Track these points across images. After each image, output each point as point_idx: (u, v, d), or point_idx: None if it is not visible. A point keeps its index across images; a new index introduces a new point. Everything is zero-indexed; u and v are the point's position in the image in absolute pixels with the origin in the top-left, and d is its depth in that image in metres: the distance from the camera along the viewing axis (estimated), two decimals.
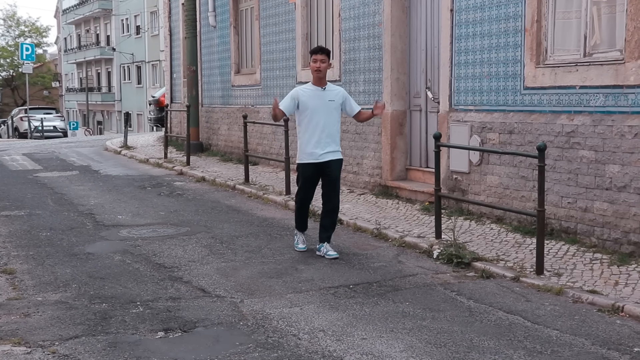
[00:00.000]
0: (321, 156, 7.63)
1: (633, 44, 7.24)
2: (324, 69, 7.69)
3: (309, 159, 7.66)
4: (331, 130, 7.67)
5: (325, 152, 7.63)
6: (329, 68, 7.82)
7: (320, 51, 7.73)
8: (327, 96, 7.68)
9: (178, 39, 20.49)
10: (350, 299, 6.27)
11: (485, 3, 9.16)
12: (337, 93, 7.79)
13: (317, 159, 7.63)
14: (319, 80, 7.72)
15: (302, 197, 7.91)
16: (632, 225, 7.24)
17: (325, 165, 7.66)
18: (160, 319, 5.75)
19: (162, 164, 16.09)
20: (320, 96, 7.66)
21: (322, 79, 7.72)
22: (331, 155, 7.67)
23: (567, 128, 7.98)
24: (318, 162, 7.64)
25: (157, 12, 45.86)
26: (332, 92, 7.76)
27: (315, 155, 7.62)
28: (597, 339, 5.29)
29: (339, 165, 7.78)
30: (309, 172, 7.73)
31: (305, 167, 7.73)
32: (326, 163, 7.65)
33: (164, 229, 9.26)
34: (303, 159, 7.72)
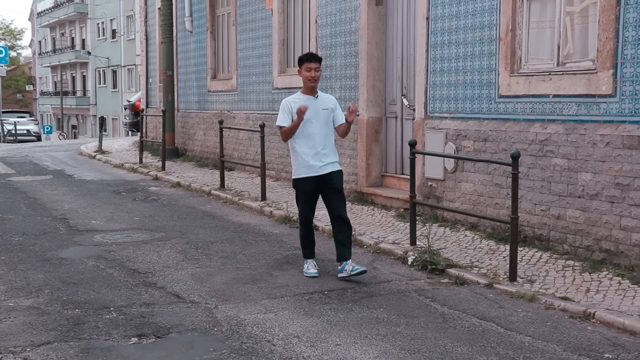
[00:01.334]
0: (321, 168, 7.06)
1: (605, 54, 7.33)
2: (318, 78, 7.18)
3: (308, 172, 7.06)
4: (328, 140, 7.17)
5: (325, 163, 7.08)
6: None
7: (314, 59, 7.19)
8: (320, 105, 7.16)
9: (154, 44, 20.42)
10: (325, 305, 6.29)
11: (461, 12, 9.24)
12: (330, 100, 7.30)
13: (317, 172, 7.05)
14: (311, 88, 7.19)
15: (304, 214, 7.23)
16: (604, 233, 7.33)
17: (326, 178, 7.07)
18: (134, 324, 5.72)
19: (137, 169, 16.01)
20: (314, 105, 7.10)
21: (314, 87, 7.20)
22: (331, 167, 7.12)
23: (540, 136, 8.06)
24: (318, 176, 7.06)
25: (133, 16, 45.64)
26: (324, 100, 7.25)
27: (314, 168, 7.05)
28: (569, 345, 5.34)
29: (340, 176, 7.21)
30: (309, 187, 7.10)
31: (304, 181, 7.11)
32: (327, 175, 7.08)
33: (138, 234, 9.21)
34: (301, 173, 7.12)
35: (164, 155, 15.92)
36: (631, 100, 7.13)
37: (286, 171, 13.40)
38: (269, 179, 13.13)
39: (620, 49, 7.21)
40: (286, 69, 13.76)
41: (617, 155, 7.19)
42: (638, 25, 7.03)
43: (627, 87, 7.16)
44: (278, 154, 13.65)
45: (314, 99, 7.17)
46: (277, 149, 13.66)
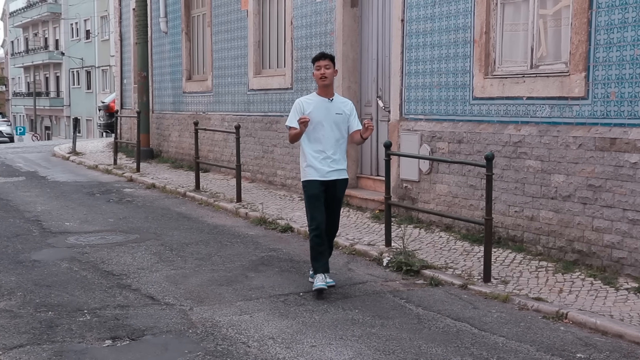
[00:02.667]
0: (328, 174, 6.79)
1: (577, 57, 7.41)
2: (330, 76, 6.77)
3: (315, 175, 6.78)
4: (339, 146, 6.84)
5: (333, 170, 6.80)
6: (335, 75, 6.92)
7: (323, 57, 6.84)
8: (334, 108, 6.81)
9: (129, 44, 20.31)
10: (300, 307, 6.29)
11: (436, 14, 9.29)
12: (346, 105, 6.93)
13: (324, 176, 6.78)
14: (325, 89, 6.82)
15: (314, 219, 6.79)
16: (576, 234, 7.40)
17: (330, 184, 6.83)
18: (108, 327, 5.69)
19: (112, 171, 15.90)
20: (327, 108, 6.79)
21: (328, 87, 6.82)
22: (337, 174, 6.84)
23: (514, 138, 8.12)
24: (324, 180, 6.79)
25: (107, 16, 45.37)
26: (340, 104, 6.89)
27: (322, 172, 6.77)
28: (542, 345, 5.39)
29: (344, 185, 6.98)
30: (315, 190, 6.79)
31: (311, 184, 6.81)
32: (332, 182, 6.83)
33: (112, 236, 9.16)
34: (308, 176, 6.82)
35: (138, 156, 15.84)
36: (603, 102, 7.21)
37: (262, 172, 13.39)
38: (245, 181, 13.11)
39: (593, 52, 7.29)
40: (262, 71, 13.74)
41: (589, 157, 7.26)
42: (610, 28, 7.12)
43: (600, 90, 7.24)
44: (253, 155, 13.63)
45: (327, 101, 6.82)
46: (253, 151, 13.64)
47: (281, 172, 12.79)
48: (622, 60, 7.01)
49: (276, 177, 12.95)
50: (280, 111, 12.83)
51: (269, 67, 13.60)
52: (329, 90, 6.85)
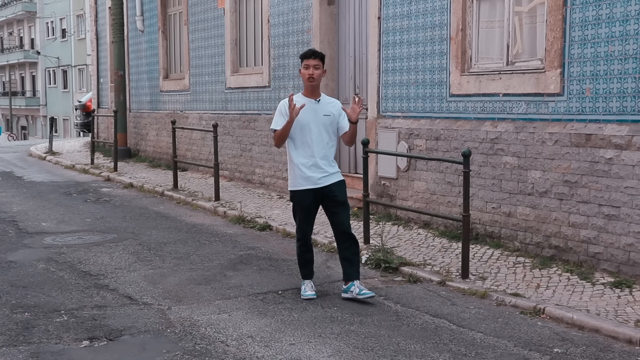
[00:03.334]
0: (320, 180, 6.36)
1: (553, 54, 7.46)
2: (318, 77, 6.37)
3: (305, 184, 6.36)
4: (329, 149, 6.44)
5: (324, 175, 6.37)
6: (324, 75, 6.54)
7: (313, 55, 6.42)
8: (322, 110, 6.40)
9: (105, 43, 20.18)
10: (279, 305, 6.28)
11: (412, 11, 9.31)
12: (334, 105, 6.50)
13: (315, 183, 6.35)
14: (311, 90, 6.41)
15: (301, 230, 6.54)
16: (553, 230, 7.46)
17: (327, 191, 6.38)
18: (85, 327, 5.65)
19: (89, 170, 15.80)
20: (314, 110, 6.37)
21: (315, 88, 6.41)
22: (332, 178, 6.41)
23: (491, 135, 8.16)
24: (317, 188, 6.36)
25: (83, 15, 45.04)
26: (327, 104, 6.47)
27: (312, 180, 6.35)
28: (520, 340, 5.42)
29: (342, 187, 6.49)
30: (307, 200, 6.40)
31: (302, 194, 6.40)
32: (327, 188, 6.38)
33: (90, 236, 9.09)
34: (297, 185, 6.41)
35: (116, 156, 15.75)
36: (578, 99, 7.26)
37: (240, 171, 13.36)
38: (223, 179, 13.07)
39: (568, 49, 7.34)
40: (239, 69, 13.71)
41: (565, 153, 7.32)
42: (584, 25, 7.17)
43: (575, 86, 7.29)
44: (231, 153, 13.60)
45: (314, 102, 6.41)
46: (231, 149, 13.61)
47: (259, 171, 12.77)
48: (597, 56, 7.07)
49: (254, 175, 12.93)
50: (258, 109, 12.81)
51: (246, 66, 13.57)
52: (316, 91, 6.45)
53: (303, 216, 6.50)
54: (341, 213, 6.46)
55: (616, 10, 6.88)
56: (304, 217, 6.50)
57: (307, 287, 6.55)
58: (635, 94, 6.74)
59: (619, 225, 6.82)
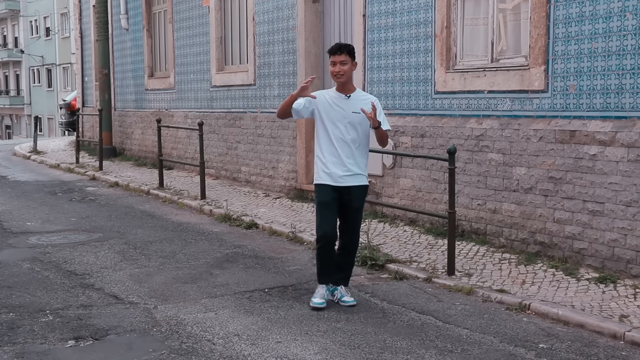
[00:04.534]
0: (342, 179, 6.04)
1: (537, 51, 7.49)
2: (347, 72, 6.02)
3: (326, 179, 6.06)
4: (357, 149, 6.08)
5: (348, 174, 6.05)
6: (354, 69, 6.16)
7: (339, 50, 6.05)
8: (351, 106, 6.04)
9: (89, 42, 20.08)
10: (266, 303, 6.28)
11: (397, 9, 9.32)
12: (366, 102, 6.07)
13: (336, 181, 6.04)
14: (341, 86, 6.08)
15: (321, 228, 6.12)
16: (538, 226, 7.49)
17: (345, 192, 6.07)
18: (71, 327, 5.63)
19: (74, 169, 15.73)
20: (343, 105, 6.04)
21: (345, 84, 6.07)
22: (354, 180, 6.07)
23: (476, 131, 8.19)
24: (337, 186, 6.06)
25: (67, 13, 44.80)
26: (359, 101, 6.09)
27: (334, 176, 6.04)
28: (505, 336, 5.45)
29: (362, 193, 6.17)
30: (327, 196, 6.07)
31: (322, 189, 6.11)
32: (347, 189, 6.07)
33: (75, 236, 9.06)
34: (319, 179, 6.13)
35: (101, 154, 15.69)
36: (562, 95, 7.30)
37: (226, 169, 13.34)
38: (209, 178, 13.05)
39: (552, 46, 7.37)
40: (224, 67, 13.68)
41: (549, 149, 7.35)
42: (568, 22, 7.20)
43: (559, 83, 7.33)
44: (217, 152, 13.57)
45: (344, 98, 6.07)
46: (217, 147, 13.58)
47: (245, 169, 12.75)
48: (580, 53, 7.10)
49: (240, 173, 12.91)
50: (244, 107, 12.79)
51: (232, 64, 13.54)
52: (347, 86, 6.09)
53: (323, 213, 6.12)
54: (351, 219, 6.19)
55: (599, 7, 6.91)
56: (324, 214, 6.11)
57: (318, 294, 6.19)
58: (618, 90, 6.78)
59: (603, 221, 6.86)
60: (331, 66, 6.07)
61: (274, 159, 11.92)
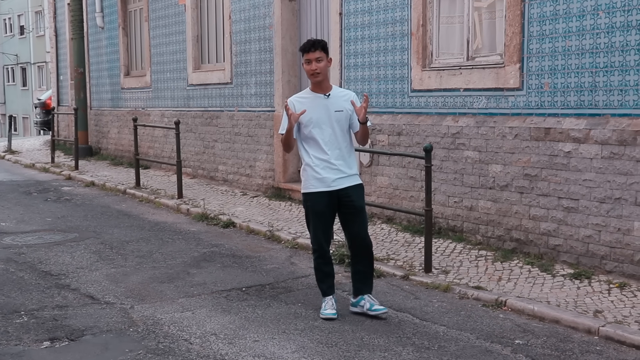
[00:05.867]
0: (335, 182, 5.72)
1: (512, 49, 7.54)
2: (322, 69, 5.70)
3: (319, 186, 5.72)
4: (344, 149, 5.80)
5: (340, 177, 5.74)
6: (329, 65, 5.85)
7: (313, 47, 5.72)
8: (333, 105, 5.75)
9: (64, 40, 19.92)
10: (243, 302, 6.27)
11: (373, 7, 9.34)
12: (347, 100, 5.82)
13: (329, 186, 5.71)
14: (318, 85, 5.78)
15: (317, 241, 5.85)
16: (514, 223, 7.54)
17: (342, 194, 5.75)
18: (46, 328, 5.58)
19: (49, 169, 15.60)
20: (324, 105, 5.74)
21: (322, 82, 5.77)
22: (348, 181, 5.78)
23: (452, 129, 8.22)
24: (332, 191, 5.73)
25: (42, 11, 44.39)
26: (339, 99, 5.81)
27: (326, 181, 5.71)
28: (482, 333, 5.48)
29: (360, 192, 5.87)
30: (321, 205, 5.75)
31: (315, 197, 5.75)
32: (343, 191, 5.74)
33: (50, 236, 8.98)
34: (311, 187, 5.76)
35: (76, 154, 15.58)
36: (537, 93, 7.35)
37: (203, 168, 13.30)
38: (186, 177, 13.00)
39: (526, 44, 7.42)
40: (201, 65, 13.63)
41: (525, 147, 7.40)
42: (542, 20, 7.25)
43: (533, 81, 7.38)
44: (194, 151, 13.52)
45: (323, 97, 5.77)
46: (194, 146, 13.53)
47: (222, 168, 12.72)
48: (555, 51, 7.15)
49: (217, 172, 12.87)
50: (221, 106, 12.75)
51: (208, 62, 13.49)
52: (324, 85, 5.80)
53: (317, 223, 5.81)
54: (357, 221, 5.83)
55: (573, 5, 6.97)
56: (319, 224, 5.81)
57: (328, 305, 5.85)
58: (592, 88, 6.84)
59: (577, 217, 6.92)
60: (306, 65, 5.74)
61: (251, 158, 11.90)
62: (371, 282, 5.95)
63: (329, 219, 5.84)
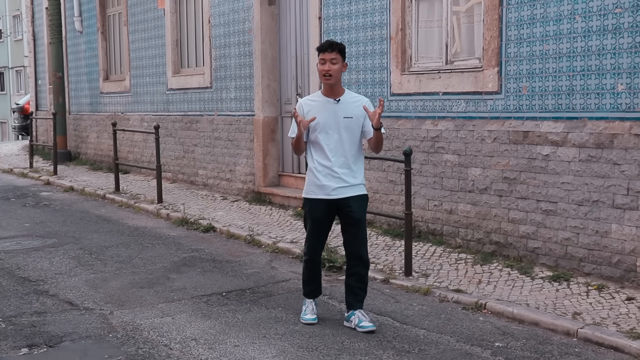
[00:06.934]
0: (335, 191, 5.59)
1: (490, 53, 7.58)
2: (335, 72, 5.53)
3: (318, 193, 5.62)
4: (350, 157, 5.63)
5: (342, 186, 5.59)
6: (344, 70, 5.70)
7: (330, 47, 5.55)
8: (342, 111, 5.57)
9: (43, 44, 19.79)
10: (223, 307, 6.25)
11: (352, 11, 9.36)
12: (358, 105, 5.63)
13: (329, 194, 5.59)
14: (330, 88, 5.61)
15: (310, 246, 5.81)
16: (493, 226, 7.58)
17: (343, 204, 5.63)
18: (24, 334, 5.54)
19: (28, 174, 15.48)
20: (333, 110, 5.57)
21: (334, 86, 5.58)
22: (350, 191, 5.63)
23: (432, 133, 8.26)
24: (331, 199, 5.62)
25: (20, 15, 44.08)
26: (349, 104, 5.62)
27: (327, 189, 5.59)
28: (462, 335, 5.50)
29: (362, 203, 5.73)
30: (318, 212, 5.67)
31: (313, 204, 5.67)
32: (344, 201, 5.61)
33: (29, 241, 8.91)
34: (310, 193, 5.68)
35: (55, 159, 15.47)
36: (515, 96, 7.40)
37: (183, 173, 13.26)
38: (166, 181, 12.95)
39: (504, 48, 7.47)
40: (180, 70, 13.59)
41: (504, 150, 7.44)
42: (520, 24, 7.30)
43: (512, 84, 7.42)
44: (174, 155, 13.48)
45: (333, 102, 5.60)
46: (173, 151, 13.49)
47: (202, 172, 12.68)
48: (532, 55, 7.21)
49: (197, 177, 12.84)
50: (200, 110, 12.72)
51: (188, 66, 13.46)
52: (336, 89, 5.62)
53: (312, 229, 5.76)
54: (355, 232, 5.73)
55: (550, 10, 7.02)
56: (314, 230, 5.76)
57: (308, 310, 5.83)
58: (569, 91, 6.89)
59: (556, 220, 6.97)
60: (320, 64, 5.57)
61: (232, 162, 11.88)
62: (362, 298, 5.80)
63: (324, 227, 5.76)
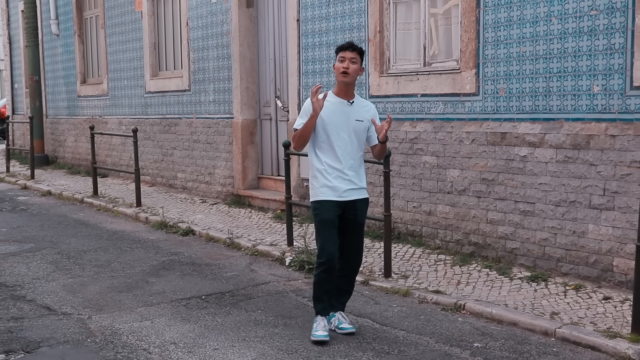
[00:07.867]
0: (346, 193, 5.48)
1: (468, 55, 7.62)
2: (353, 72, 5.47)
3: (330, 195, 5.45)
4: (357, 159, 5.56)
5: (351, 188, 5.50)
6: (361, 73, 5.65)
7: (351, 47, 5.52)
8: (354, 114, 5.51)
9: (19, 47, 19.65)
10: (203, 310, 6.23)
11: (331, 14, 9.37)
12: (368, 110, 5.62)
13: (340, 196, 5.46)
14: (345, 89, 5.52)
15: (326, 250, 5.44)
16: (472, 227, 7.61)
17: (349, 207, 5.52)
18: (1, 340, 5.48)
19: (4, 179, 15.35)
20: (346, 112, 5.50)
21: (349, 87, 5.51)
22: (358, 193, 5.55)
23: (410, 135, 8.28)
24: (342, 201, 5.48)
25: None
26: (361, 108, 5.58)
27: (338, 190, 5.45)
28: (441, 336, 5.52)
29: (365, 207, 5.66)
30: (330, 213, 5.46)
31: (326, 205, 5.46)
32: (351, 204, 5.51)
33: (5, 246, 8.83)
34: (322, 195, 5.47)
35: (32, 163, 15.35)
36: (493, 98, 7.44)
37: (162, 176, 13.20)
38: (144, 185, 12.89)
39: (482, 50, 7.51)
40: (158, 73, 13.53)
41: (482, 151, 7.48)
42: (497, 26, 7.35)
43: (489, 86, 7.47)
44: (153, 158, 13.42)
45: (347, 104, 5.53)
46: (152, 154, 13.43)
47: (181, 175, 12.64)
48: (509, 57, 7.25)
49: (176, 180, 12.79)
50: (179, 113, 12.68)
51: (166, 69, 13.41)
52: (350, 91, 5.55)
53: (327, 234, 5.46)
54: (354, 236, 5.64)
55: (526, 12, 7.07)
56: (328, 234, 5.46)
57: (320, 326, 5.49)
58: (546, 93, 6.94)
59: (534, 220, 7.02)
60: (339, 62, 5.49)
61: (210, 165, 11.85)
62: (346, 300, 5.80)
63: (336, 228, 5.53)
